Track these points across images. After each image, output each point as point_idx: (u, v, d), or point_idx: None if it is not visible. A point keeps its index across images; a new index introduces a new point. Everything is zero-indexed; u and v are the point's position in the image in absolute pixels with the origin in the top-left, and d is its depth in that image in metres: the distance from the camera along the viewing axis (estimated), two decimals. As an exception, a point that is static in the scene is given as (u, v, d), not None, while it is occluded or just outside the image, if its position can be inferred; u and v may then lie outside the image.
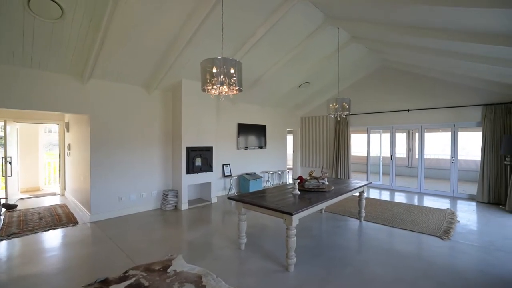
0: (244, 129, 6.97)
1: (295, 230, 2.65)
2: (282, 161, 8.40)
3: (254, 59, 5.05)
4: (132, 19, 3.36)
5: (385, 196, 6.34)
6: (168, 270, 2.70)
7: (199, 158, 5.41)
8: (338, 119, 5.01)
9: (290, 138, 10.09)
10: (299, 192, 3.40)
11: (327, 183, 4.03)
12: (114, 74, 4.42)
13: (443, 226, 4.01)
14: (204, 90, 2.77)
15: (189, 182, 5.27)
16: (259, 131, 7.42)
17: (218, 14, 3.35)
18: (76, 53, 3.72)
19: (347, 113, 4.74)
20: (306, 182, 3.63)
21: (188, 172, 5.21)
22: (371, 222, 4.27)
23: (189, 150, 5.22)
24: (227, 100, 6.55)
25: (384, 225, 4.12)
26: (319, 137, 8.56)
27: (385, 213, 4.72)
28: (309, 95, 7.65)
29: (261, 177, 6.88)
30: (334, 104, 4.74)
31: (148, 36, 3.73)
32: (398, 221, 4.29)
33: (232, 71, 2.67)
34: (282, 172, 8.00)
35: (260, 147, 7.45)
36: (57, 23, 3.13)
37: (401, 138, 10.49)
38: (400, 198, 6.10)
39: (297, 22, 4.32)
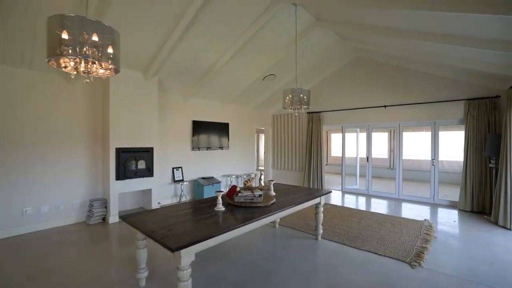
0: (201, 127, 6.10)
1: (188, 271, 1.81)
2: (250, 163, 7.57)
3: (199, 44, 4.20)
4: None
5: (359, 203, 5.58)
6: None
7: (134, 161, 4.52)
8: (296, 114, 4.23)
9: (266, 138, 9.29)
10: (223, 209, 2.57)
11: (273, 193, 3.23)
12: (13, 58, 3.50)
13: (416, 245, 3.25)
14: (58, 66, 1.89)
15: (120, 189, 4.38)
16: (220, 129, 6.57)
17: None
18: None
19: (306, 107, 3.94)
20: (239, 194, 2.80)
21: (118, 177, 4.32)
22: (330, 240, 3.47)
23: (120, 151, 4.33)
24: (177, 95, 5.68)
25: (345, 245, 3.32)
26: (292, 137, 7.77)
27: (351, 227, 3.94)
28: (278, 90, 6.84)
29: (220, 182, 6.04)
30: (290, 96, 3.94)
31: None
32: (364, 238, 3.51)
33: (95, 38, 1.80)
34: (249, 175, 7.17)
35: (222, 148, 6.61)
36: None
37: (382, 137, 9.81)
38: (374, 205, 5.35)
39: (240, -6, 3.50)
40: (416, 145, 8.96)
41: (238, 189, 2.82)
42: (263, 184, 2.98)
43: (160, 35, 3.80)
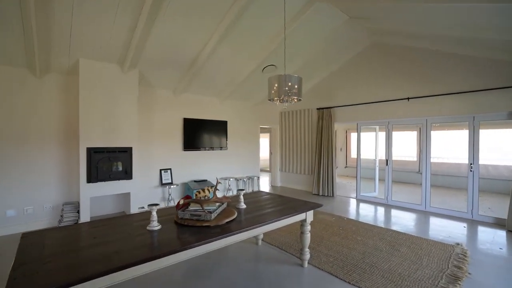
0: (194, 125, 5.57)
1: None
2: (253, 164, 6.88)
3: (175, 28, 3.63)
4: None
5: (373, 215, 4.62)
6: None
7: (109, 163, 4.10)
8: (285, 107, 3.49)
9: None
10: (157, 227, 1.95)
11: (243, 206, 2.54)
12: (-33, 48, 3.24)
13: (438, 286, 2.34)
14: None
15: (93, 193, 3.98)
16: (217, 128, 5.99)
17: None
18: None
19: (296, 98, 3.18)
20: (188, 208, 2.16)
21: (90, 180, 3.92)
22: (319, 268, 2.68)
23: (92, 151, 3.93)
24: (166, 90, 5.20)
25: (337, 277, 2.51)
26: (300, 136, 6.94)
27: (352, 250, 3.09)
28: (282, 83, 6.07)
29: (213, 186, 5.44)
30: (276, 85, 3.21)
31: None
32: (365, 268, 2.66)
33: None
34: (250, 178, 6.50)
35: (219, 148, 6.02)
36: None
37: (411, 137, 8.51)
38: (392, 219, 4.36)
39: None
40: (452, 145, 7.58)
41: (181, 202, 2.17)
42: (218, 196, 2.26)
43: (127, 20, 3.30)
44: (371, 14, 4.11)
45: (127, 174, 4.26)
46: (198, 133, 5.64)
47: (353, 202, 5.56)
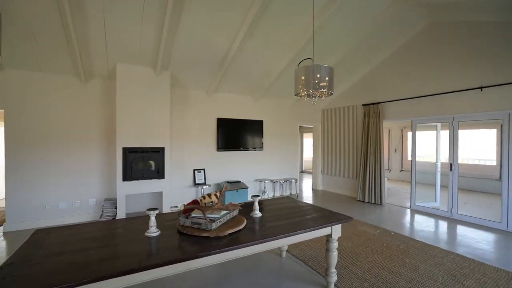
0: (228, 125, 5.48)
1: None
2: (291, 166, 6.49)
3: (201, 25, 3.56)
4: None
5: (430, 231, 3.79)
6: None
7: (142, 162, 4.26)
8: (313, 103, 3.03)
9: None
10: (156, 234, 1.81)
11: (257, 215, 2.26)
12: (27, 62, 3.69)
13: None
14: None
15: (128, 191, 4.18)
16: (252, 128, 5.79)
17: None
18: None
19: (326, 92, 2.75)
20: (190, 215, 1.97)
21: (125, 178, 4.13)
22: (349, 295, 2.21)
23: (127, 151, 4.13)
24: (199, 91, 5.22)
25: (372, 308, 2.02)
26: (344, 136, 6.28)
27: (397, 275, 2.51)
28: (321, 77, 5.55)
29: (247, 188, 5.27)
30: (303, 78, 2.86)
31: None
32: (412, 302, 2.09)
33: None
34: (287, 180, 6.11)
35: (254, 148, 5.82)
36: None
37: (488, 135, 6.94)
38: (457, 239, 3.51)
39: None
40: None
41: (182, 207, 1.99)
42: (220, 202, 2.00)
43: (154, 16, 3.32)
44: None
45: (159, 173, 4.37)
46: (232, 133, 5.54)
47: (405, 213, 4.72)
